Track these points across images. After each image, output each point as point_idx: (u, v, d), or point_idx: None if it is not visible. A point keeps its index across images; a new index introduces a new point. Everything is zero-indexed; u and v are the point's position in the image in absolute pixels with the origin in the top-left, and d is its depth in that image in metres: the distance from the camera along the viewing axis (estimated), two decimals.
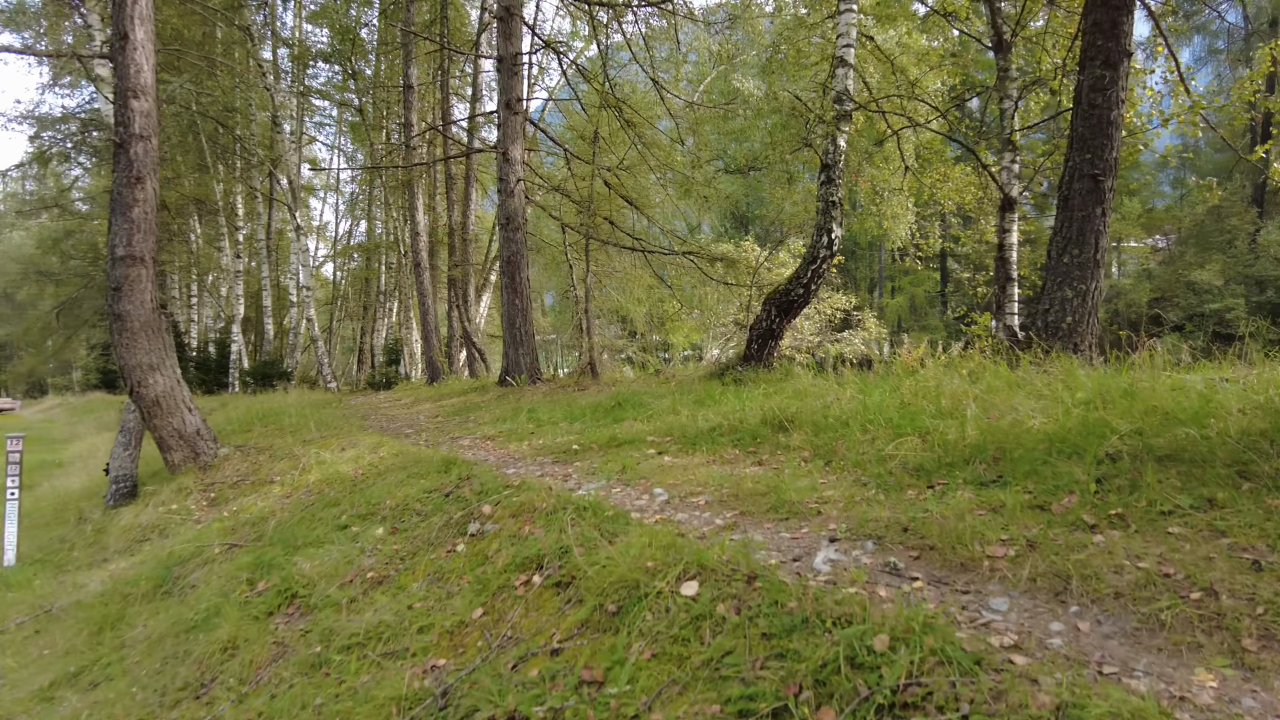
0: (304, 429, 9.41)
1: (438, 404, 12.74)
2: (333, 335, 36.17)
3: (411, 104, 17.01)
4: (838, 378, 6.86)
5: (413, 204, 17.32)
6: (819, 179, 9.79)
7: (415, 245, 17.48)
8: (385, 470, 5.62)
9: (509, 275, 13.04)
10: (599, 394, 9.86)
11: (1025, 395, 5.09)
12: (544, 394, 11.51)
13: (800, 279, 9.53)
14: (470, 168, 16.26)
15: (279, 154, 17.82)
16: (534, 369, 13.18)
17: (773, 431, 4.82)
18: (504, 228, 13.04)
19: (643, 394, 8.74)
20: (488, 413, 9.60)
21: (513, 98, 12.88)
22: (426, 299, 17.62)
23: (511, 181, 12.89)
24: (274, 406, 13.82)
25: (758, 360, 9.77)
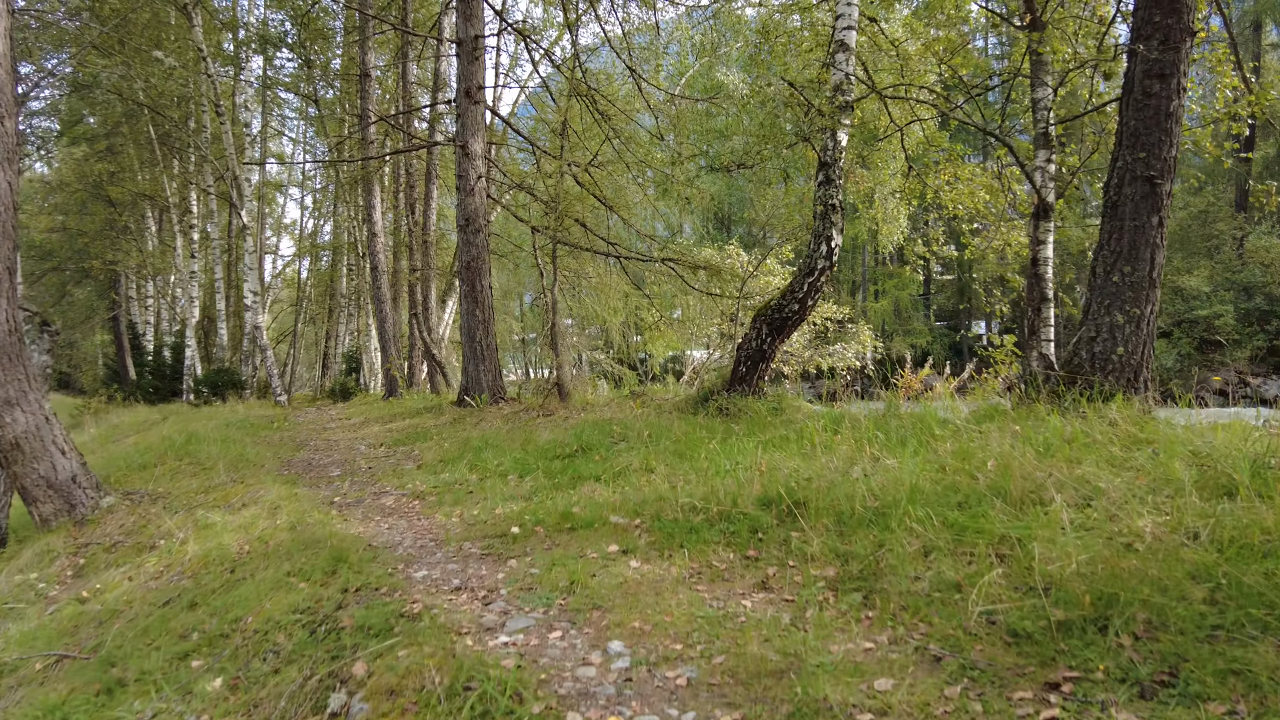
0: (220, 466, 8.07)
1: (386, 426, 11.41)
2: (297, 338, 34.56)
3: (368, 93, 15.62)
4: (849, 425, 5.64)
5: (369, 202, 15.93)
6: (816, 179, 8.58)
7: (372, 247, 16.09)
8: (270, 553, 4.33)
9: (469, 283, 11.73)
10: (563, 426, 8.60)
11: (1104, 465, 3.90)
12: (503, 419, 10.23)
13: (795, 293, 8.31)
14: (431, 163, 14.93)
15: (222, 148, 16.37)
16: (496, 387, 11.88)
17: (778, 520, 3.58)
18: (463, 230, 11.73)
19: (612, 428, 7.49)
20: (434, 446, 8.30)
21: (473, 85, 11.56)
22: (384, 306, 16.26)
23: (472, 178, 11.58)
24: (203, 429, 12.41)
25: (746, 385, 8.54)
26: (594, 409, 10.01)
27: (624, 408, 9.87)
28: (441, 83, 14.59)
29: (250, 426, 12.58)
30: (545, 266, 11.52)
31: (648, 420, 8.16)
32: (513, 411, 10.79)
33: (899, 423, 5.99)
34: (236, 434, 11.29)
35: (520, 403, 11.82)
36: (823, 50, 10.51)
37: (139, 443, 11.58)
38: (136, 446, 11.03)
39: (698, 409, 8.58)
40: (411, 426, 10.93)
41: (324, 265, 30.68)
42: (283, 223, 38.63)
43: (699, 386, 9.37)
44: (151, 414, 19.38)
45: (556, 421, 9.24)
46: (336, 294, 26.95)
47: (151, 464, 8.76)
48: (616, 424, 8.06)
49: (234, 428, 12.43)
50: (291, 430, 12.28)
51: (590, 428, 7.46)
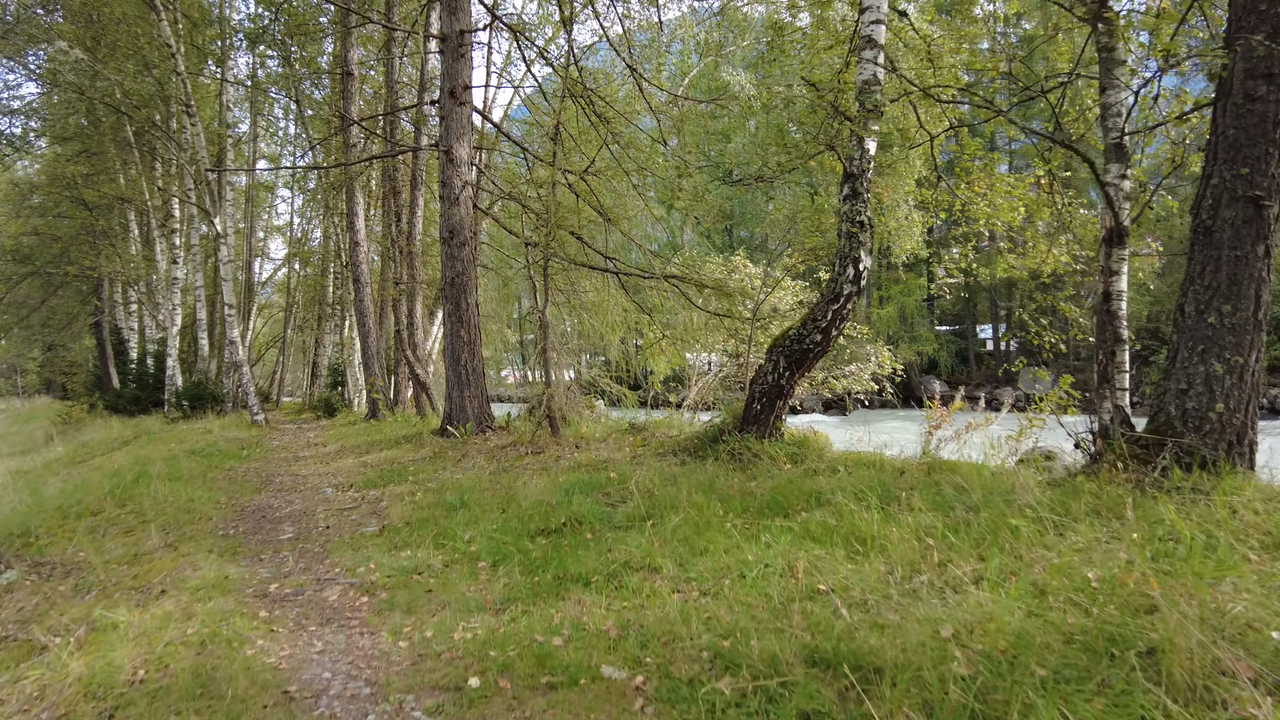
0: (160, 520, 7.07)
1: (361, 459, 10.39)
2: (286, 345, 33.54)
3: (351, 93, 14.60)
4: (897, 501, 4.63)
5: (351, 209, 14.91)
6: (840, 193, 7.57)
7: (354, 257, 15.08)
8: (162, 690, 3.33)
9: (453, 301, 10.72)
10: (553, 470, 7.59)
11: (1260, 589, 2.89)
12: (486, 455, 9.22)
13: (817, 322, 7.30)
14: (416, 168, 13.93)
15: (194, 150, 15.34)
16: (482, 415, 10.88)
17: (838, 697, 2.55)
18: (447, 243, 10.72)
19: (609, 482, 6.48)
20: (405, 495, 7.29)
21: (458, 85, 10.54)
22: (367, 319, 15.23)
23: (456, 187, 10.57)
24: (165, 456, 11.39)
25: (762, 426, 7.52)
26: (588, 446, 9.00)
27: (622, 445, 8.86)
28: (429, 83, 13.59)
29: (216, 455, 11.57)
30: (538, 282, 10.52)
31: (650, 470, 7.15)
32: (499, 445, 9.79)
33: (954, 494, 4.99)
34: (197, 467, 10.28)
35: (509, 432, 10.81)
36: (842, 48, 9.52)
37: (88, 476, 10.56)
38: (84, 481, 10.00)
39: (707, 451, 7.57)
40: (387, 461, 9.91)
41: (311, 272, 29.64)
42: (274, 225, 37.59)
43: (707, 424, 8.35)
44: (124, 430, 18.36)
45: (546, 463, 8.23)
46: (324, 302, 25.91)
47: (89, 510, 7.75)
48: (614, 473, 7.05)
49: (198, 457, 11.43)
50: (260, 460, 11.26)
51: (582, 484, 6.44)
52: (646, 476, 6.78)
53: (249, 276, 30.27)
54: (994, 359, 44.12)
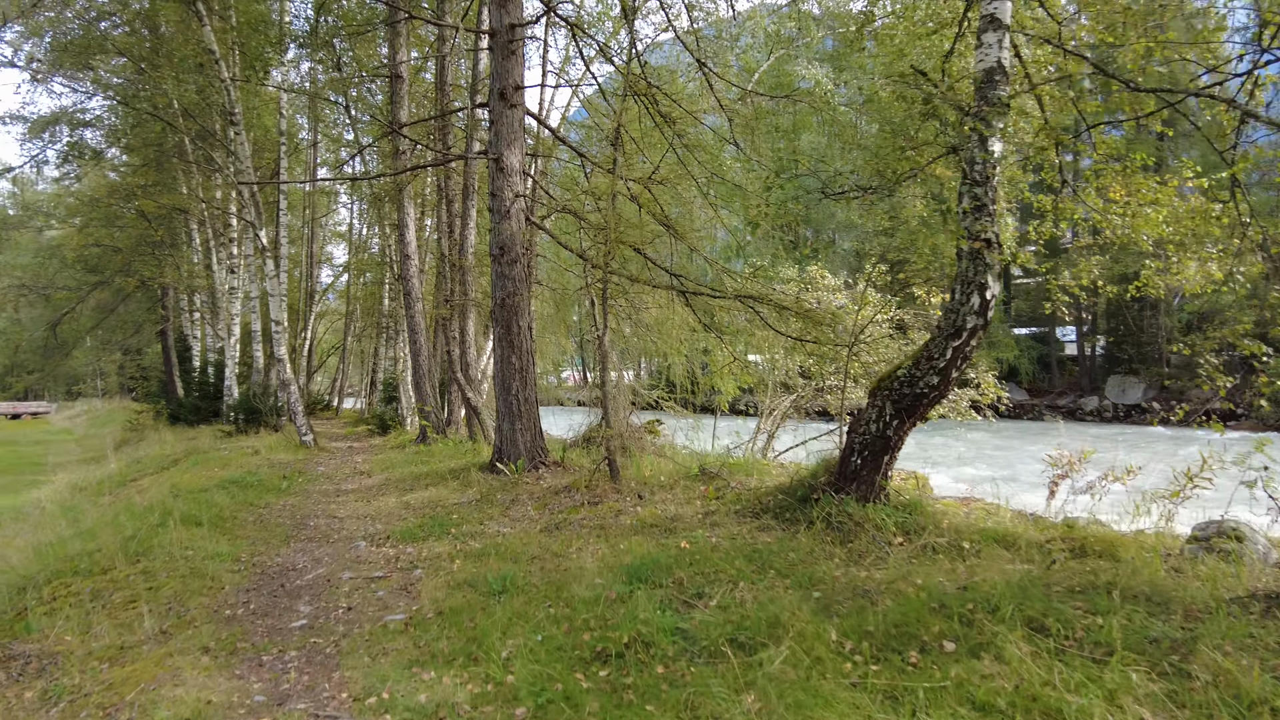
0: (169, 582, 6.22)
1: (403, 498, 9.47)
2: (347, 353, 33.35)
3: (400, 97, 13.78)
4: (1082, 638, 3.37)
5: (401, 220, 14.10)
6: (959, 205, 6.27)
7: (405, 270, 14.27)
8: None
9: (503, 324, 9.72)
10: (613, 534, 6.48)
11: None
12: (537, 503, 8.17)
13: (933, 361, 6.02)
14: (469, 177, 13.02)
15: (242, 159, 14.75)
16: (534, 449, 9.85)
17: None
18: (497, 260, 9.73)
19: (680, 567, 5.34)
20: (442, 564, 6.28)
21: (508, 85, 9.54)
22: (418, 336, 14.41)
23: (507, 198, 9.56)
24: (199, 486, 10.69)
25: (865, 486, 6.27)
26: (652, 495, 7.86)
27: (691, 496, 7.70)
28: (480, 85, 12.68)
29: (255, 487, 10.82)
30: (596, 304, 9.45)
31: (728, 540, 5.98)
32: (552, 488, 8.73)
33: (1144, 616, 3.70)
34: (230, 504, 9.51)
35: (564, 469, 9.76)
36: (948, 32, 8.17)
37: (120, 510, 9.90)
38: (114, 518, 9.32)
39: (797, 514, 6.36)
40: (430, 503, 8.96)
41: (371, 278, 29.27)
42: (336, 231, 37.52)
43: (794, 476, 7.13)
44: (177, 446, 17.99)
45: (604, 518, 7.13)
46: (380, 314, 25.42)
47: (99, 566, 6.97)
48: (685, 543, 5.91)
49: (236, 489, 10.70)
50: (299, 493, 10.46)
51: (649, 564, 5.31)
52: (725, 551, 5.61)
53: (309, 284, 30.08)
54: (1077, 365, 41.44)
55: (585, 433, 13.78)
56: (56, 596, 6.41)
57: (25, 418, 53.70)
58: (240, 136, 14.40)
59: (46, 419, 52.84)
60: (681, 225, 9.58)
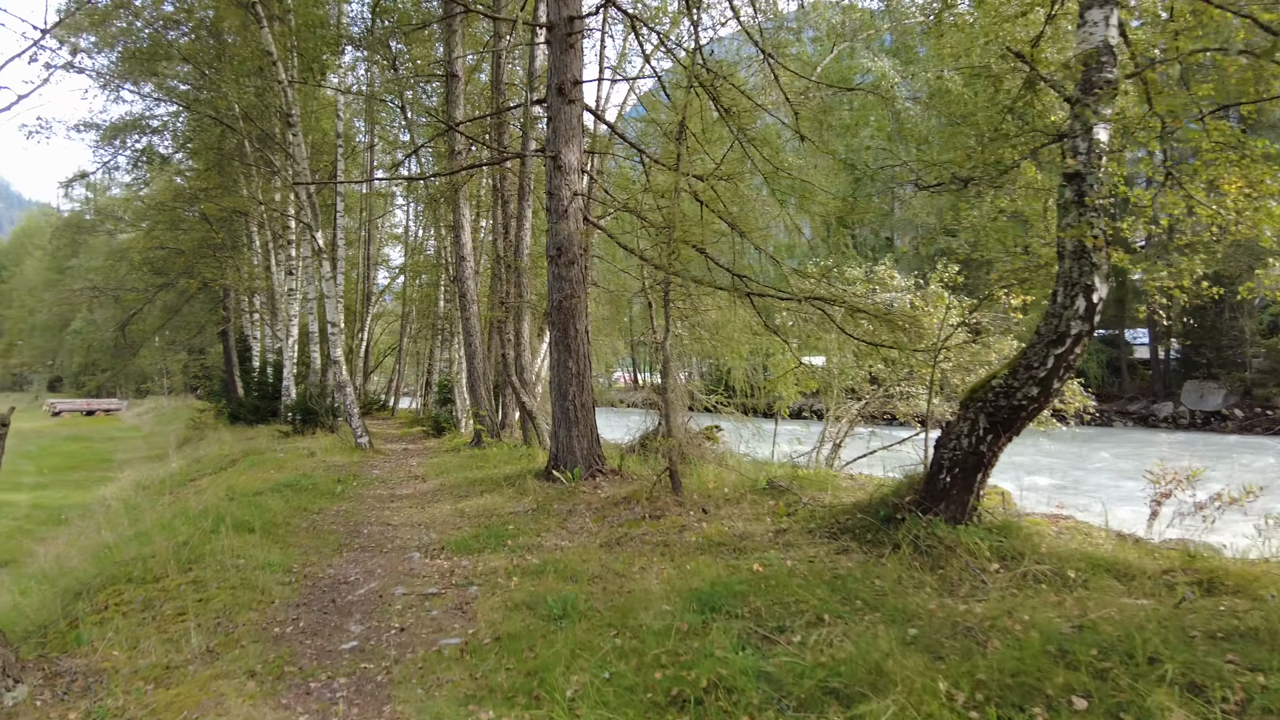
0: (219, 594, 6.02)
1: (458, 505, 9.21)
2: (403, 354, 33.60)
3: (455, 96, 13.60)
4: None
5: (457, 221, 13.92)
6: (1060, 199, 5.72)
7: (460, 272, 14.08)
8: None
9: (560, 327, 9.40)
10: (678, 552, 6.08)
11: None
12: (595, 515, 7.82)
13: (1033, 370, 5.48)
14: (525, 177, 12.76)
15: (299, 161, 14.75)
16: (592, 456, 9.51)
17: None
18: (554, 261, 9.42)
19: (755, 594, 4.92)
20: (499, 580, 5.96)
21: (566, 80, 9.22)
22: (473, 339, 14.21)
23: (565, 197, 9.25)
24: (254, 488, 10.63)
25: (954, 507, 5.75)
26: (717, 509, 7.44)
27: (760, 512, 7.25)
28: (536, 81, 12.41)
29: (309, 491, 10.71)
30: (656, 307, 9.07)
31: (805, 562, 5.53)
32: (610, 498, 8.37)
33: None
34: (284, 509, 9.38)
35: (622, 478, 9.39)
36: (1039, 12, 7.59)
37: (177, 513, 9.86)
38: (169, 521, 9.28)
39: (880, 536, 5.88)
40: (485, 511, 8.68)
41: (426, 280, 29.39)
42: (392, 233, 37.84)
43: (875, 492, 6.63)
44: (235, 446, 18.17)
45: (668, 535, 6.73)
46: (435, 315, 25.47)
47: (151, 574, 6.83)
48: (759, 565, 5.48)
49: (290, 493, 10.60)
50: (353, 499, 10.30)
51: (721, 591, 4.89)
52: (804, 577, 5.16)
53: (366, 286, 30.36)
54: (1149, 369, 39.53)
55: (641, 438, 13.41)
56: (109, 604, 6.28)
57: (99, 414, 55.76)
58: (297, 138, 14.40)
59: (118, 415, 54.77)
60: (745, 223, 9.13)
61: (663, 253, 8.04)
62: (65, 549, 11.39)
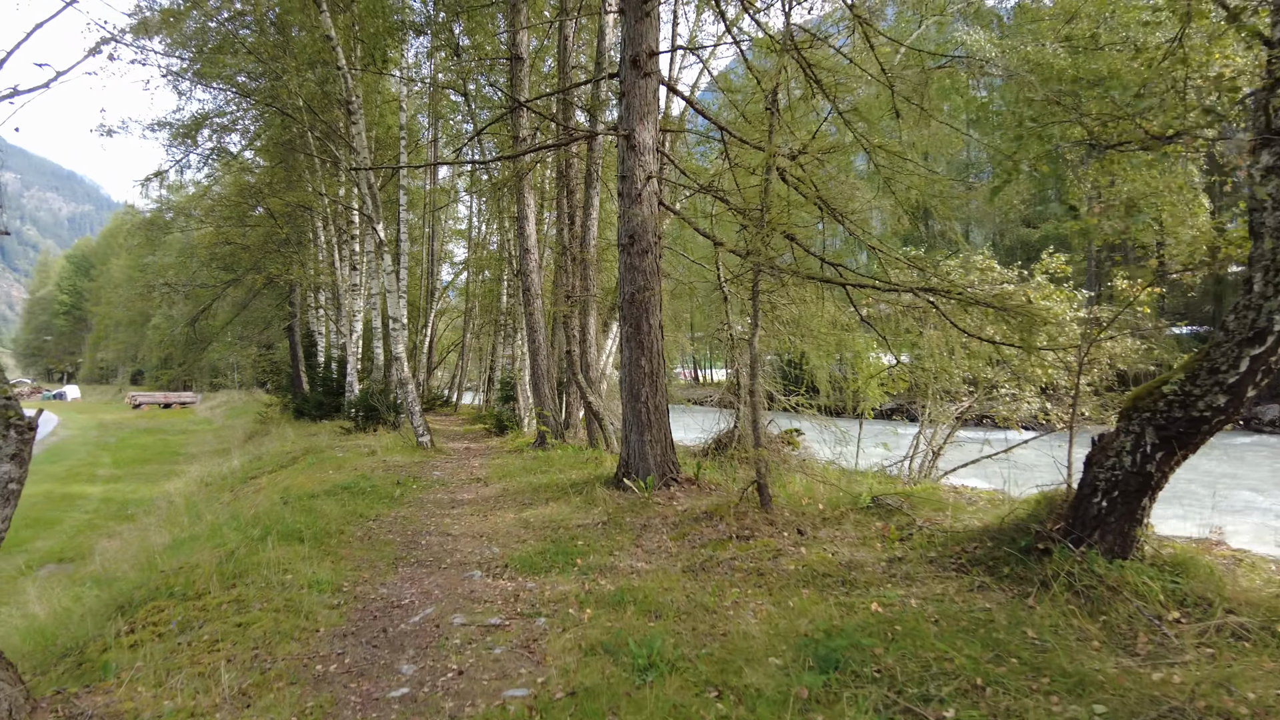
0: (261, 617, 5.42)
1: (521, 514, 8.51)
2: (465, 350, 33.40)
3: (520, 80, 12.94)
4: None
5: (521, 212, 13.27)
6: (1252, 161, 4.67)
7: (524, 265, 13.43)
8: None
9: (632, 322, 8.62)
10: (775, 590, 5.23)
11: None
12: (673, 532, 7.00)
13: (1219, 374, 4.46)
14: (592, 163, 12.03)
15: (359, 150, 14.30)
16: (666, 464, 8.70)
17: None
18: (626, 250, 8.64)
19: (882, 645, 4.05)
20: (569, 610, 5.20)
21: (641, 52, 8.42)
22: (537, 335, 13.55)
23: (639, 180, 8.46)
24: (310, 490, 10.16)
25: (1113, 537, 4.76)
26: (815, 531, 6.55)
27: (866, 534, 6.34)
28: (606, 60, 11.65)
29: (367, 494, 10.18)
30: (732, 302, 8.22)
31: (931, 601, 4.63)
32: (688, 512, 7.55)
33: None
34: (340, 515, 8.84)
35: (698, 488, 8.56)
36: None
37: (230, 516, 9.43)
38: (219, 527, 8.83)
39: (1022, 572, 4.92)
40: (551, 522, 7.95)
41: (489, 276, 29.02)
42: (455, 229, 37.71)
43: (1006, 515, 5.66)
44: (298, 442, 17.96)
45: (760, 561, 5.87)
46: (499, 310, 25.02)
47: (194, 589, 6.29)
48: (879, 605, 4.60)
49: (348, 496, 10.09)
50: (412, 504, 9.72)
51: (841, 642, 4.03)
52: (937, 623, 4.26)
53: (430, 282, 30.19)
54: None
55: (714, 441, 12.57)
56: (147, 623, 5.75)
57: (175, 407, 57.79)
58: (358, 127, 13.95)
59: (192, 408, 56.59)
60: (840, 206, 8.19)
61: (752, 240, 7.17)
62: (123, 549, 11.16)
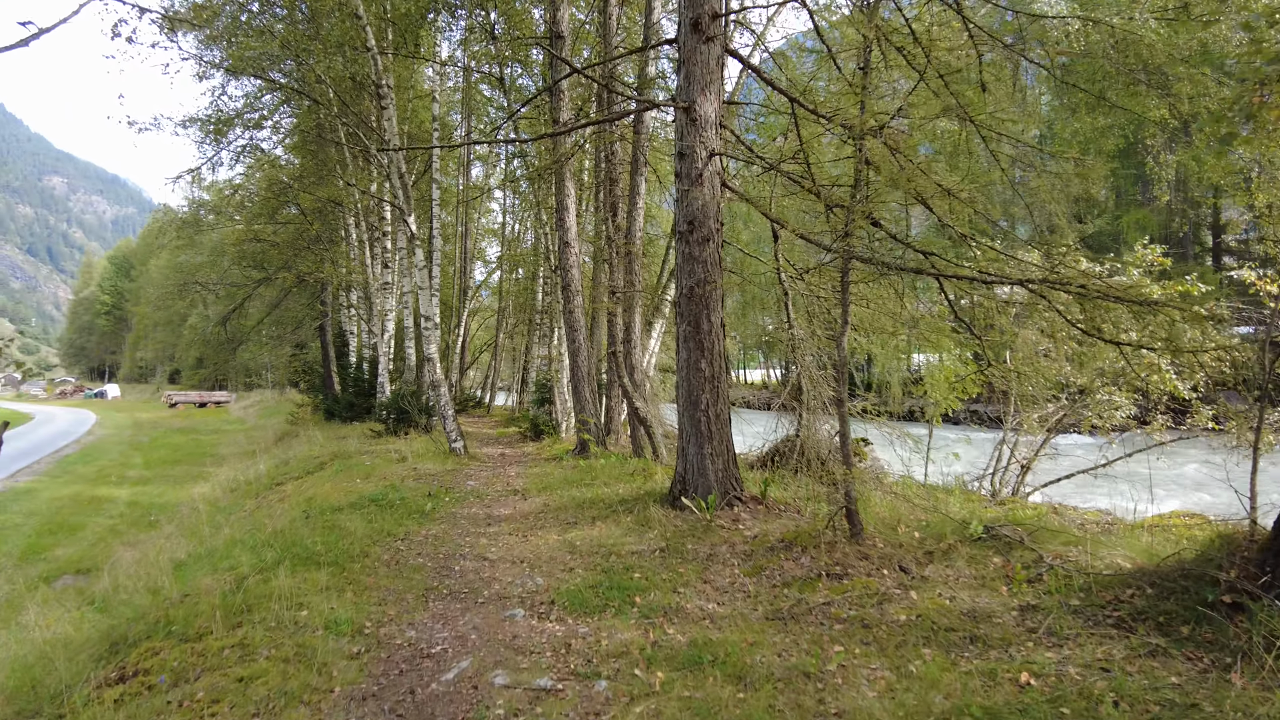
0: (268, 671, 4.53)
1: (566, 536, 7.54)
2: (499, 350, 32.63)
3: (561, 59, 11.98)
4: None
5: (560, 202, 12.32)
6: None
7: (564, 258, 12.48)
8: None
9: (691, 319, 7.63)
10: (890, 651, 4.20)
11: None
12: (747, 565, 5.99)
13: None
14: (639, 148, 11.05)
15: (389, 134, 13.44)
16: (728, 480, 7.70)
17: None
18: (685, 238, 7.65)
19: None
20: (635, 673, 4.23)
21: (703, 13, 7.42)
22: (577, 334, 12.60)
23: (699, 158, 7.46)
24: (333, 502, 9.30)
25: None
26: (920, 569, 5.49)
27: (986, 576, 5.27)
28: (654, 32, 10.68)
29: (396, 508, 9.31)
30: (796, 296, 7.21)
31: (1101, 677, 3.57)
32: (760, 541, 6.52)
33: None
34: (366, 533, 7.97)
35: (767, 510, 7.54)
36: None
37: (248, 530, 8.61)
38: (232, 546, 8.01)
39: (1209, 632, 3.84)
40: (601, 548, 6.98)
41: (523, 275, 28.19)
42: (489, 227, 36.97)
43: (1175, 556, 4.57)
44: (326, 446, 17.19)
45: (863, 608, 4.84)
46: (533, 310, 24.15)
47: (194, 629, 5.44)
48: (1025, 674, 3.57)
49: (375, 509, 9.24)
50: (445, 519, 8.82)
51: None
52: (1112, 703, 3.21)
53: (463, 280, 29.46)
54: None
55: (770, 450, 11.51)
56: (138, 671, 4.91)
57: (210, 406, 58.01)
58: (389, 113, 13.11)
59: (226, 408, 56.75)
60: (929, 189, 7.11)
61: (841, 224, 6.14)
62: (139, 563, 10.42)
